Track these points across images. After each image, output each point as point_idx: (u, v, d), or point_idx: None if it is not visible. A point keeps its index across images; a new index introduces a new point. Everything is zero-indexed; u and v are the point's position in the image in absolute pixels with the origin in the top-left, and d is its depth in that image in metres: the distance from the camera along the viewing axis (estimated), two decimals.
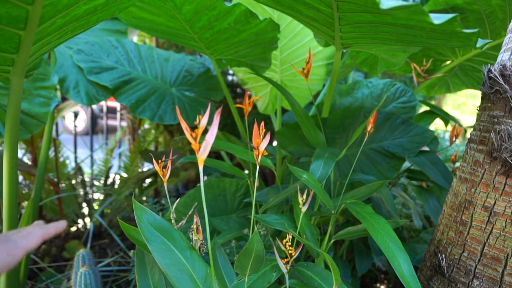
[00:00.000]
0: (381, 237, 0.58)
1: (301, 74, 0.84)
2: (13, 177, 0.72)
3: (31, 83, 0.92)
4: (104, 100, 1.18)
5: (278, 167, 1.29)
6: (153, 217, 0.53)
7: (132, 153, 1.72)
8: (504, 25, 0.99)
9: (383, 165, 1.01)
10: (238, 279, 0.56)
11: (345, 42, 0.83)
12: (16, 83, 0.67)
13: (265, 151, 0.51)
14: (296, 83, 1.41)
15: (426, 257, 0.77)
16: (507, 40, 0.65)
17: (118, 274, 1.28)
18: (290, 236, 0.57)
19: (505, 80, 0.60)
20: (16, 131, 0.70)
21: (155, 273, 0.57)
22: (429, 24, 0.57)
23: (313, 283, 0.58)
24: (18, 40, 0.58)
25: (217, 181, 1.02)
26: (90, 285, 0.83)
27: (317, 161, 0.77)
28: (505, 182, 0.60)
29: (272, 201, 0.77)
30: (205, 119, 0.36)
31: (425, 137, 0.99)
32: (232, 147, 0.88)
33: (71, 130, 4.27)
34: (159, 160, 0.58)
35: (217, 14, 0.89)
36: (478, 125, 0.67)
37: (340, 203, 0.73)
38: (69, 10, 0.57)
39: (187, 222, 0.97)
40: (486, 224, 0.62)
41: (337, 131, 1.05)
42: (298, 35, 1.27)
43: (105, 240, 1.54)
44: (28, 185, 1.49)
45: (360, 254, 0.98)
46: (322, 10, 0.67)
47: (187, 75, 1.39)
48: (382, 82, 1.18)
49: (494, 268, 0.61)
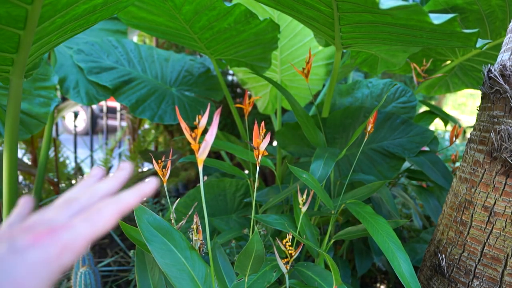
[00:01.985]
0: (381, 237, 0.58)
1: (301, 74, 0.84)
2: (13, 177, 0.72)
3: (31, 83, 0.92)
4: (104, 100, 1.18)
5: (278, 167, 1.29)
6: (153, 217, 0.53)
7: (132, 153, 1.72)
8: (504, 25, 0.99)
9: (383, 165, 1.01)
10: (238, 279, 0.55)
11: (345, 42, 0.83)
12: (16, 83, 0.66)
13: (265, 151, 0.51)
14: (296, 83, 1.41)
15: (426, 257, 0.77)
16: (507, 40, 0.65)
17: (118, 274, 1.28)
18: (290, 236, 0.57)
19: (505, 80, 0.60)
20: (16, 131, 0.70)
21: (155, 273, 0.57)
22: (429, 24, 0.57)
23: (313, 283, 0.57)
24: (17, 40, 0.58)
25: (217, 181, 1.02)
26: (90, 285, 0.83)
27: (317, 161, 0.77)
28: (505, 182, 0.59)
29: (272, 201, 0.77)
30: (204, 119, 0.36)
31: (425, 137, 0.98)
32: (232, 147, 0.88)
33: (71, 130, 4.27)
34: (159, 160, 0.58)
35: (217, 14, 0.89)
36: (478, 125, 0.67)
37: (340, 203, 0.72)
38: (69, 10, 0.57)
39: (187, 222, 0.97)
40: (486, 224, 0.62)
41: (337, 131, 1.05)
42: (298, 35, 1.27)
43: (105, 240, 1.54)
44: (28, 185, 1.49)
45: (360, 254, 0.98)
46: (322, 10, 0.67)
47: (187, 75, 1.39)
48: (382, 82, 1.18)
49: (494, 268, 0.60)
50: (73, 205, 0.25)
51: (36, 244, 0.21)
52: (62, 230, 0.22)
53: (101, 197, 0.27)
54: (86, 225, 0.23)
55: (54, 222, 0.23)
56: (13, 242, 0.21)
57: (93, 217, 0.23)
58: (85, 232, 0.22)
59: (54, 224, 0.23)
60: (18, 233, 0.22)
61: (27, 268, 0.20)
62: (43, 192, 1.45)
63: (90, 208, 0.24)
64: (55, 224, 0.23)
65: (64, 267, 0.21)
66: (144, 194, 0.27)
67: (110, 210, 0.24)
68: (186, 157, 0.83)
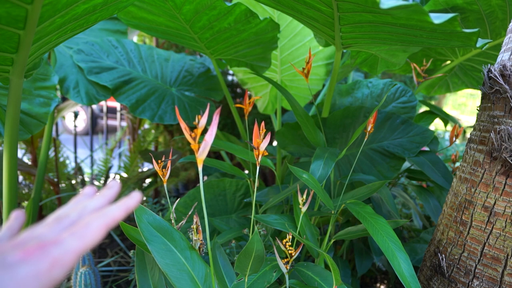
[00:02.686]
0: (381, 237, 0.58)
1: (301, 74, 0.84)
2: (13, 177, 0.72)
3: (31, 83, 0.92)
4: (104, 100, 1.18)
5: (278, 167, 1.29)
6: (153, 217, 0.53)
7: (132, 153, 1.72)
8: (504, 25, 0.99)
9: (383, 165, 1.01)
10: (238, 279, 0.55)
11: (345, 42, 0.83)
12: (16, 83, 0.66)
13: (265, 151, 0.51)
14: (296, 83, 1.41)
15: (426, 257, 0.77)
16: (507, 40, 0.65)
17: (118, 274, 1.28)
18: (290, 236, 0.57)
19: (505, 80, 0.60)
20: (16, 131, 0.70)
21: (155, 273, 0.57)
22: (429, 23, 0.57)
23: (313, 283, 0.57)
24: (17, 40, 0.58)
25: (217, 181, 1.02)
26: (90, 285, 0.83)
27: (317, 161, 0.77)
28: (505, 182, 0.59)
29: (272, 201, 0.77)
30: (204, 119, 0.36)
31: (425, 137, 0.98)
32: (232, 147, 0.88)
33: (71, 130, 4.27)
34: (159, 160, 0.58)
35: (217, 14, 0.89)
36: (478, 125, 0.67)
37: (340, 203, 0.72)
38: (68, 10, 0.57)
39: (187, 222, 0.97)
40: (486, 224, 0.62)
41: (337, 131, 1.05)
42: (298, 35, 1.27)
43: (105, 240, 1.54)
44: (28, 185, 1.49)
45: (360, 254, 0.97)
46: (322, 10, 0.67)
47: (187, 75, 1.39)
48: (382, 82, 1.18)
49: (494, 268, 0.60)
50: (63, 221, 0.26)
51: (26, 259, 0.22)
52: (51, 245, 0.23)
53: (90, 214, 0.28)
54: (75, 239, 0.23)
55: (44, 238, 0.24)
56: (3, 258, 0.21)
57: (81, 231, 0.24)
58: (74, 246, 0.23)
59: (44, 240, 0.23)
60: (8, 248, 0.22)
61: (17, 283, 0.20)
62: (43, 192, 1.45)
63: (78, 223, 0.25)
64: (45, 239, 0.24)
65: (54, 282, 0.22)
66: (129, 208, 0.28)
67: (97, 224, 0.25)
68: (186, 157, 0.83)
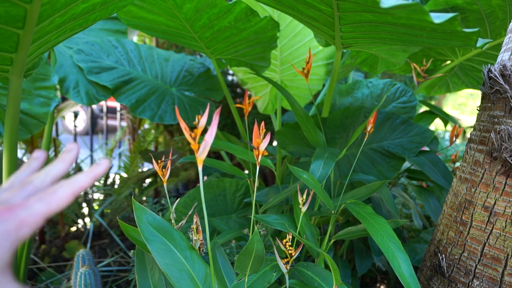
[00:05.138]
0: (381, 237, 0.58)
1: (301, 74, 0.84)
2: None
3: (31, 83, 0.92)
4: (104, 100, 1.17)
5: (278, 167, 1.29)
6: (153, 217, 0.53)
7: (132, 153, 1.72)
8: (504, 25, 0.99)
9: (383, 165, 1.01)
10: (238, 279, 0.55)
11: (345, 41, 0.82)
12: (15, 83, 0.66)
13: (265, 151, 0.51)
14: (296, 83, 1.41)
15: (426, 257, 0.77)
16: (507, 40, 0.65)
17: (118, 274, 1.28)
18: (290, 236, 0.57)
19: (505, 80, 0.60)
20: (15, 131, 0.69)
21: (155, 273, 0.57)
22: (429, 23, 0.57)
23: (313, 283, 0.57)
24: (16, 39, 0.58)
25: (217, 181, 1.02)
26: (90, 285, 0.83)
27: (317, 161, 0.77)
28: (505, 182, 0.59)
29: (272, 201, 0.76)
30: (204, 119, 0.36)
31: (425, 137, 0.98)
32: (232, 147, 0.88)
33: (71, 130, 4.27)
34: (159, 160, 0.58)
35: (218, 12, 0.89)
36: (478, 125, 0.67)
37: (340, 203, 0.72)
38: (68, 9, 0.57)
39: (187, 222, 0.97)
40: (486, 224, 0.62)
41: (337, 131, 1.05)
42: (298, 35, 1.27)
43: (105, 240, 1.54)
44: None
45: (360, 254, 0.97)
46: (322, 9, 0.67)
47: (187, 75, 1.39)
48: (382, 82, 1.17)
49: (494, 268, 0.60)
50: (27, 187, 0.28)
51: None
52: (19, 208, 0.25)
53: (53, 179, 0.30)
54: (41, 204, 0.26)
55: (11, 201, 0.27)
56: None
57: (48, 197, 0.26)
58: (40, 210, 0.25)
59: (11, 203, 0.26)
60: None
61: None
62: None
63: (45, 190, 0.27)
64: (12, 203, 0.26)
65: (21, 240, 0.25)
66: (96, 175, 0.29)
67: (64, 191, 0.27)
68: (186, 157, 0.83)
